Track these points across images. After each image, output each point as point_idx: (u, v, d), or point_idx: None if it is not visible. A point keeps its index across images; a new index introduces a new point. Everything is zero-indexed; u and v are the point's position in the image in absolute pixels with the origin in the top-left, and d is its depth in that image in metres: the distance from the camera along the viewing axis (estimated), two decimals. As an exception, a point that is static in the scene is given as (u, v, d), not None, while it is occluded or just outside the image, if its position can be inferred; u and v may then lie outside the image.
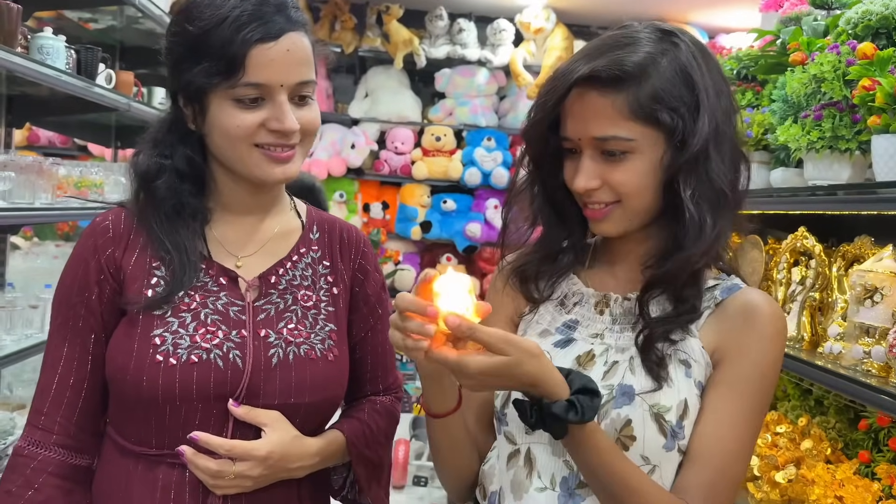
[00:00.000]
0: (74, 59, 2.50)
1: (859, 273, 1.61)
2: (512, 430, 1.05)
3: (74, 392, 1.11)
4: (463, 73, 5.56)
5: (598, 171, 1.01)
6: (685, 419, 0.99)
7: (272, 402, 1.09)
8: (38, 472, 1.09)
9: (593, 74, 0.99)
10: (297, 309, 1.15)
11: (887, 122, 1.51)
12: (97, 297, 1.11)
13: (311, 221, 1.23)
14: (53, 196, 2.43)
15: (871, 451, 1.90)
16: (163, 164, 1.11)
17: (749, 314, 1.03)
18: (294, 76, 1.07)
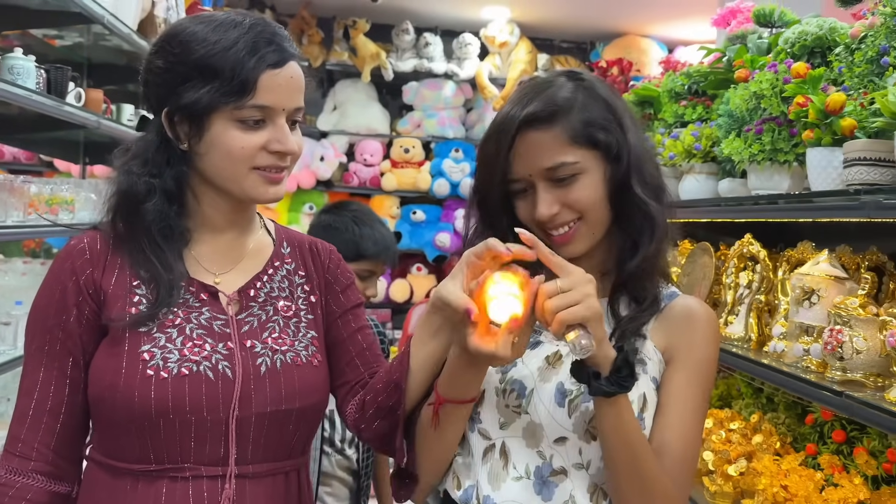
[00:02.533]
0: (45, 78, 2.53)
1: (798, 276, 1.72)
2: (486, 427, 1.14)
3: (52, 417, 1.11)
4: (430, 86, 5.65)
5: (554, 198, 1.12)
6: (645, 411, 1.11)
7: (264, 409, 1.12)
8: (17, 499, 1.09)
9: (532, 117, 1.10)
10: (279, 319, 1.19)
11: (819, 136, 1.63)
12: (76, 318, 1.11)
13: (281, 238, 1.28)
14: (25, 214, 2.46)
15: (817, 443, 2.01)
16: (153, 186, 1.13)
17: (690, 318, 1.17)
18: (293, 101, 1.14)
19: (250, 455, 1.13)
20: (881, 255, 1.96)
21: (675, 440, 1.10)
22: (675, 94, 2.67)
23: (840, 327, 1.53)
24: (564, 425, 1.10)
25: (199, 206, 1.18)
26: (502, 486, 1.11)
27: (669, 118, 2.65)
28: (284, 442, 1.16)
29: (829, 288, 1.65)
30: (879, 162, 1.46)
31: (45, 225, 2.58)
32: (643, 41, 5.62)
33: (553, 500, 1.09)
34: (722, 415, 2.26)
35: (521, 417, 1.12)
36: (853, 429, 1.94)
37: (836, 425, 1.96)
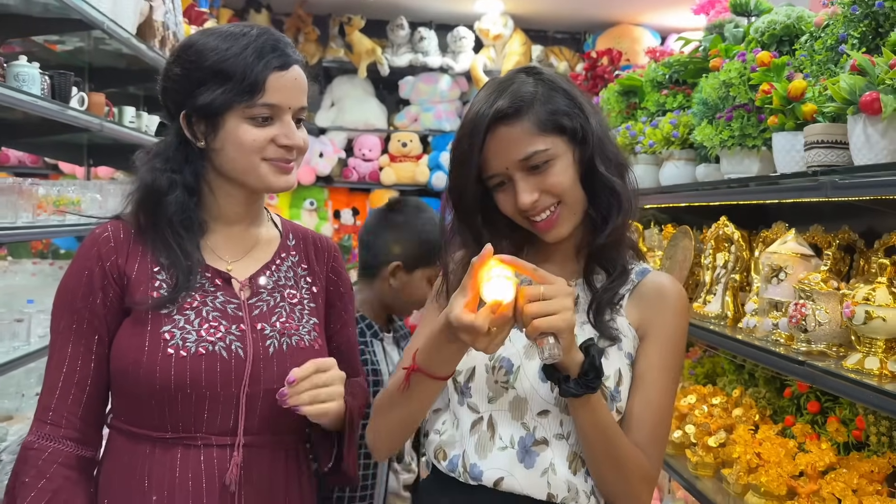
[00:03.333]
0: (49, 84, 2.63)
1: (766, 255, 1.81)
2: (475, 402, 1.23)
3: (79, 389, 1.22)
4: (426, 80, 5.74)
5: (532, 186, 1.20)
6: (620, 385, 1.20)
7: (271, 386, 1.23)
8: (49, 462, 1.20)
9: (500, 113, 1.19)
10: (286, 305, 1.31)
11: (783, 121, 1.72)
12: (101, 300, 1.23)
13: (287, 230, 1.41)
14: (34, 215, 2.56)
15: (794, 415, 2.11)
16: (174, 181, 1.26)
17: (661, 294, 1.26)
18: (298, 101, 1.27)
19: (257, 427, 1.24)
20: (852, 233, 2.05)
21: (648, 413, 1.20)
22: (658, 84, 2.75)
23: (804, 301, 1.62)
24: (547, 399, 1.19)
25: (215, 198, 1.31)
26: (488, 456, 1.20)
27: (652, 107, 2.74)
28: (287, 417, 1.26)
29: (796, 265, 1.74)
30: (836, 144, 1.55)
31: (52, 225, 2.69)
32: (636, 30, 5.68)
33: (535, 468, 1.19)
34: (705, 391, 2.35)
35: (507, 392, 1.21)
36: (827, 400, 2.03)
37: (811, 397, 2.05)
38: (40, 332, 2.68)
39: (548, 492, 1.18)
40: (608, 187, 1.22)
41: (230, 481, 1.21)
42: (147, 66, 3.69)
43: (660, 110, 2.68)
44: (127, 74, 4.01)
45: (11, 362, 2.37)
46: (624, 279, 1.25)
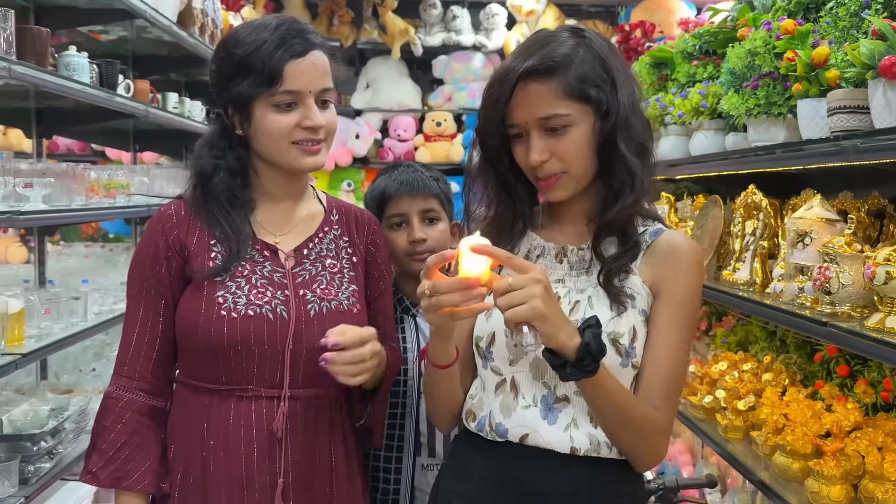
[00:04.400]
0: (97, 72, 2.76)
1: (792, 220, 1.84)
2: (498, 365, 1.30)
3: (150, 347, 1.39)
4: (459, 59, 5.76)
5: (545, 146, 1.25)
6: (635, 341, 1.25)
7: (313, 345, 1.35)
8: (125, 410, 1.38)
9: (531, 69, 1.23)
10: (326, 274, 1.44)
11: (807, 88, 1.74)
12: (166, 269, 1.39)
13: (331, 206, 1.53)
14: (87, 198, 2.70)
15: (825, 380, 2.14)
16: (218, 164, 1.41)
17: (675, 251, 1.30)
18: (318, 84, 1.37)
19: (301, 381, 1.38)
20: (882, 199, 2.07)
21: (662, 368, 1.25)
22: (688, 55, 2.77)
23: (828, 264, 1.65)
24: None
25: (260, 179, 1.45)
26: (512, 414, 1.27)
27: (682, 78, 2.75)
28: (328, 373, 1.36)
29: (822, 230, 1.77)
30: (858, 109, 1.57)
31: (104, 207, 2.83)
32: (671, 1, 5.62)
33: (558, 424, 1.25)
34: (736, 357, 2.39)
35: (528, 354, 1.27)
36: (856, 363, 2.06)
37: (840, 361, 2.08)
38: (96, 310, 2.83)
39: (571, 445, 1.24)
40: (625, 165, 1.25)
41: (277, 429, 1.35)
42: (188, 52, 3.82)
43: (690, 81, 2.69)
44: (168, 62, 4.14)
45: (70, 337, 2.52)
46: (635, 251, 1.29)
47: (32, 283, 3.05)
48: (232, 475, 1.35)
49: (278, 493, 1.35)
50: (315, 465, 1.39)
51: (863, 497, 1.68)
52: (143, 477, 1.36)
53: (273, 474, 1.35)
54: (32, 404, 2.43)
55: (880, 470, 1.60)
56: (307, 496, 1.38)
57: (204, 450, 1.36)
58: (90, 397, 2.67)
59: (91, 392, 2.76)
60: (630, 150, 1.26)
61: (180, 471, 1.39)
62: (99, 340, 3.35)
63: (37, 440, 2.28)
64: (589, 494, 1.24)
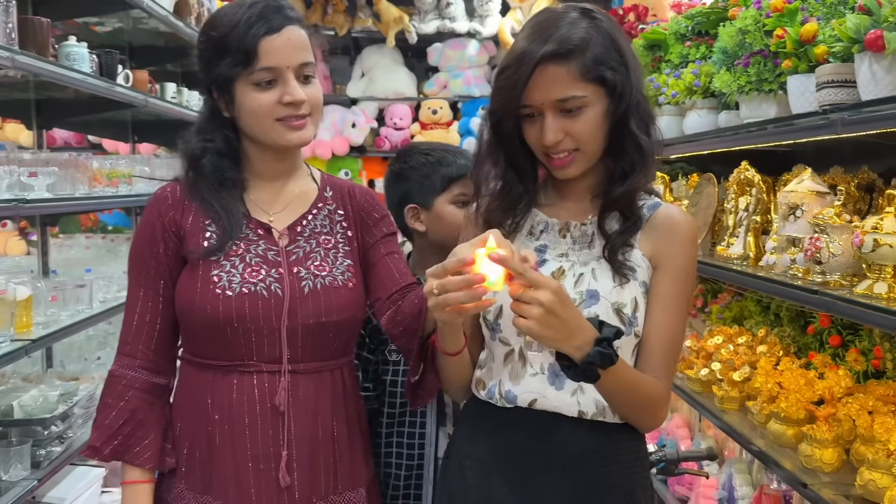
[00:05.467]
0: (97, 62, 2.79)
1: (784, 193, 1.89)
2: (506, 336, 1.34)
3: (151, 326, 1.42)
4: (454, 46, 5.78)
5: (560, 126, 1.27)
6: (637, 312, 1.31)
7: (308, 321, 1.39)
8: (128, 387, 1.40)
9: (551, 53, 1.25)
10: (320, 250, 1.46)
11: (796, 64, 1.79)
12: (163, 250, 1.41)
13: (325, 183, 1.55)
14: (90, 187, 2.74)
15: (817, 351, 2.19)
16: (206, 147, 1.42)
17: (673, 225, 1.35)
18: (296, 59, 1.38)
19: (300, 356, 1.40)
20: (871, 173, 2.12)
21: (662, 337, 1.32)
22: (681, 36, 2.80)
23: (818, 235, 1.70)
24: None
25: (250, 159, 1.47)
26: (521, 382, 1.32)
27: (676, 59, 2.79)
28: (326, 347, 1.43)
29: (812, 202, 1.82)
30: (846, 83, 1.61)
31: (108, 196, 2.87)
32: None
33: (565, 389, 1.30)
34: (731, 331, 2.44)
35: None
36: (848, 334, 2.12)
37: (832, 332, 2.14)
38: (101, 298, 2.87)
39: (578, 409, 1.30)
40: (636, 144, 1.30)
41: (279, 403, 1.38)
42: (184, 42, 3.84)
43: (683, 62, 2.73)
44: (165, 52, 4.16)
45: (77, 324, 2.56)
46: (638, 225, 1.34)
47: (36, 273, 3.09)
48: (237, 448, 1.38)
49: (283, 466, 1.37)
50: (318, 438, 1.41)
51: (854, 460, 1.73)
52: (144, 451, 1.39)
53: (277, 447, 1.38)
54: (41, 390, 2.48)
55: (871, 432, 1.65)
56: (311, 468, 1.40)
57: (209, 424, 1.39)
58: (97, 384, 2.71)
59: (98, 379, 2.80)
60: (640, 129, 1.30)
61: (186, 445, 1.42)
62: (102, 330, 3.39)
63: (47, 424, 2.32)
64: (594, 453, 1.29)
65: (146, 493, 1.40)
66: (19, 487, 2.09)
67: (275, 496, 1.38)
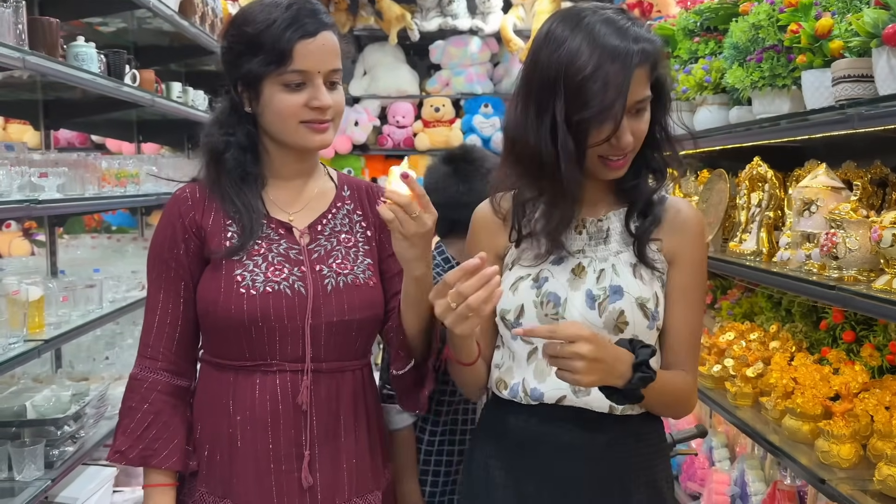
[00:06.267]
0: (105, 62, 2.79)
1: (798, 189, 1.88)
2: None
3: (172, 328, 1.41)
4: (456, 44, 5.78)
5: (630, 127, 1.25)
6: (659, 306, 1.33)
7: (332, 319, 1.39)
8: (150, 390, 1.40)
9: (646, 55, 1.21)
10: (341, 248, 1.46)
11: (811, 59, 1.78)
12: (184, 251, 1.41)
13: (342, 183, 1.55)
14: (99, 187, 2.73)
15: (830, 346, 2.19)
16: (229, 141, 1.42)
17: (683, 222, 1.37)
18: (327, 65, 1.38)
19: (323, 355, 1.40)
20: (884, 167, 2.11)
21: (686, 330, 1.35)
22: (689, 32, 2.80)
23: (835, 230, 1.70)
24: (596, 324, 1.30)
25: (270, 157, 1.46)
26: (547, 380, 1.33)
27: (685, 55, 2.79)
28: (349, 345, 1.42)
29: (827, 197, 1.82)
30: (862, 78, 1.61)
31: (117, 196, 2.86)
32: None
33: None
34: (742, 327, 2.44)
35: (558, 322, 1.31)
36: (862, 329, 2.11)
37: (846, 327, 2.14)
38: (110, 297, 2.87)
39: (609, 405, 1.30)
40: (669, 140, 1.31)
41: (302, 402, 1.37)
42: (189, 42, 3.83)
43: (692, 58, 2.73)
44: (169, 52, 4.16)
45: (88, 324, 2.56)
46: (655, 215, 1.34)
47: (45, 274, 3.09)
48: (258, 448, 1.37)
49: (305, 465, 1.37)
50: (340, 438, 1.41)
51: (871, 455, 1.73)
52: (171, 455, 1.38)
53: (299, 446, 1.37)
54: (53, 390, 2.48)
55: (889, 428, 1.65)
56: (334, 469, 1.40)
57: (230, 425, 1.39)
58: (108, 384, 2.71)
59: (108, 379, 2.80)
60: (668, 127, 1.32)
61: (207, 448, 1.41)
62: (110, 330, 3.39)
63: (60, 424, 2.32)
64: (620, 446, 1.31)
65: (169, 497, 1.40)
66: (33, 487, 2.09)
67: (297, 498, 1.37)
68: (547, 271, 1.34)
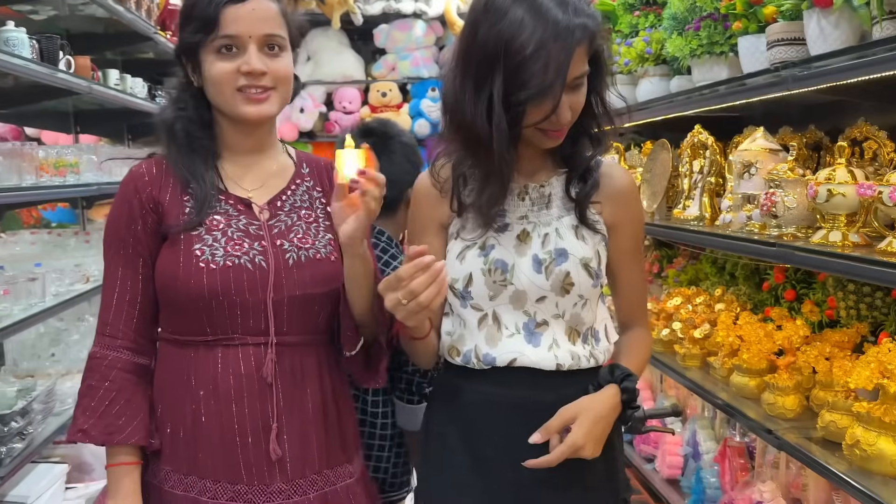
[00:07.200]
0: (37, 48, 2.69)
1: (738, 153, 1.94)
2: (478, 302, 1.37)
3: (131, 305, 1.39)
4: (400, 28, 5.74)
5: (568, 102, 1.25)
6: (601, 264, 1.37)
7: (294, 293, 1.38)
8: (111, 368, 1.37)
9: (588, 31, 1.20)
10: (302, 224, 1.45)
11: (747, 25, 1.84)
12: (142, 227, 1.39)
13: (300, 160, 1.54)
14: (38, 177, 2.65)
15: (774, 306, 2.27)
16: (180, 115, 1.42)
17: (620, 186, 1.41)
18: (259, 29, 1.36)
19: (286, 328, 1.39)
20: (818, 132, 2.19)
21: (637, 289, 1.44)
22: (630, 6, 2.85)
23: (773, 190, 1.76)
24: (543, 287, 1.33)
25: (221, 131, 1.45)
26: (498, 344, 1.35)
27: (626, 29, 2.84)
28: (311, 319, 1.42)
29: (766, 159, 1.88)
30: (795, 41, 1.67)
31: (56, 186, 2.78)
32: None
33: (541, 346, 1.34)
34: (689, 292, 2.51)
35: (507, 288, 1.34)
36: (802, 287, 2.20)
37: (787, 286, 2.22)
38: (53, 291, 2.79)
39: (556, 363, 1.34)
40: (606, 111, 1.33)
41: (266, 374, 1.36)
42: (125, 28, 3.72)
43: (633, 31, 2.78)
44: (105, 39, 4.03)
45: (31, 318, 2.48)
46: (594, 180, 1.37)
47: (-18, 269, 2.98)
48: (223, 422, 1.36)
49: (272, 438, 1.36)
50: (308, 410, 1.40)
51: (814, 405, 1.81)
52: (136, 431, 1.36)
53: (266, 418, 1.36)
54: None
55: (829, 377, 1.72)
56: (302, 440, 1.39)
57: (193, 402, 1.37)
58: (55, 379, 2.64)
59: (55, 375, 2.73)
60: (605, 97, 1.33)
61: (169, 425, 1.39)
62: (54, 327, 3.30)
63: (7, 420, 2.25)
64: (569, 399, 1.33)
65: (134, 475, 1.38)
66: (-19, 486, 2.03)
67: (266, 469, 1.36)
68: (493, 239, 1.36)
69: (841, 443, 1.58)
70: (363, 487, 1.50)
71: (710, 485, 2.37)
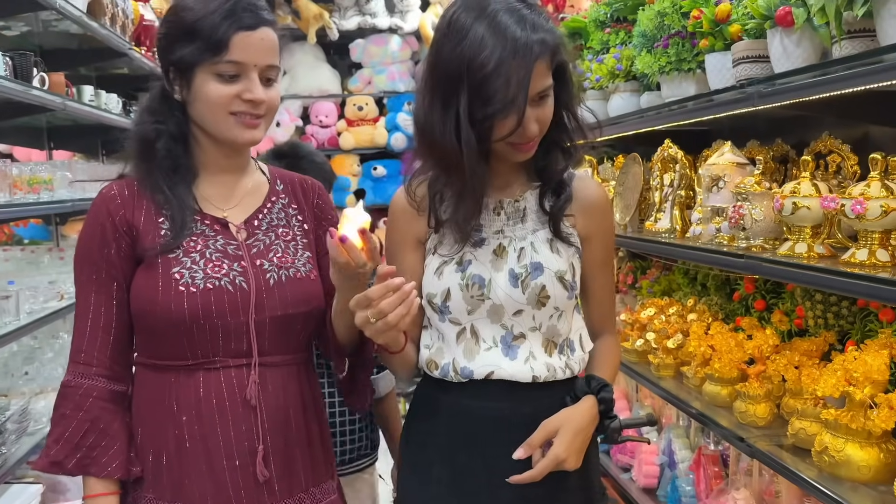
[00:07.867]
0: (10, 64, 2.68)
1: (706, 167, 1.99)
2: (456, 316, 1.39)
3: (105, 332, 1.36)
4: (376, 42, 5.78)
5: (535, 116, 1.28)
6: (575, 276, 1.40)
7: (276, 313, 1.37)
8: (85, 397, 1.34)
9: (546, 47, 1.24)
10: (280, 243, 1.44)
11: (713, 43, 1.89)
12: (115, 251, 1.35)
13: (275, 177, 1.53)
14: (11, 194, 2.63)
15: (743, 316, 2.31)
16: (160, 130, 1.38)
17: (593, 200, 1.44)
18: (264, 59, 1.36)
19: (268, 349, 1.38)
20: (784, 145, 2.25)
21: (608, 298, 1.47)
22: (601, 23, 2.90)
23: (741, 203, 1.81)
24: (520, 301, 1.36)
25: (200, 149, 1.42)
26: (476, 357, 1.37)
27: (597, 46, 2.89)
28: (293, 339, 1.42)
29: (733, 173, 1.93)
30: (759, 59, 1.72)
31: (30, 203, 2.76)
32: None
33: (518, 358, 1.37)
34: (662, 303, 2.55)
35: (484, 303, 1.37)
36: (771, 298, 2.24)
37: (757, 296, 2.26)
38: (27, 309, 2.76)
39: (532, 375, 1.36)
40: (576, 124, 1.36)
41: (250, 396, 1.35)
42: (99, 44, 3.71)
43: (604, 48, 2.83)
44: (78, 55, 4.01)
45: (5, 336, 2.45)
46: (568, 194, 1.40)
47: (-46, 288, 2.94)
48: (209, 446, 1.34)
49: (259, 460, 1.35)
50: (292, 430, 1.40)
51: (784, 412, 1.85)
52: (111, 461, 1.33)
53: (252, 441, 1.35)
54: (-30, 406, 2.38)
55: (798, 385, 1.76)
56: (288, 461, 1.39)
57: (176, 427, 1.35)
58: (29, 398, 2.61)
59: (29, 394, 2.70)
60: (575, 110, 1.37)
61: (152, 452, 1.37)
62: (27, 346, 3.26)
63: (-21, 441, 2.23)
64: (547, 411, 1.35)
65: None
66: (-47, 507, 2.00)
67: (254, 492, 1.35)
68: (469, 254, 1.38)
69: (810, 449, 1.62)
70: (342, 499, 1.51)
71: (686, 493, 2.40)
